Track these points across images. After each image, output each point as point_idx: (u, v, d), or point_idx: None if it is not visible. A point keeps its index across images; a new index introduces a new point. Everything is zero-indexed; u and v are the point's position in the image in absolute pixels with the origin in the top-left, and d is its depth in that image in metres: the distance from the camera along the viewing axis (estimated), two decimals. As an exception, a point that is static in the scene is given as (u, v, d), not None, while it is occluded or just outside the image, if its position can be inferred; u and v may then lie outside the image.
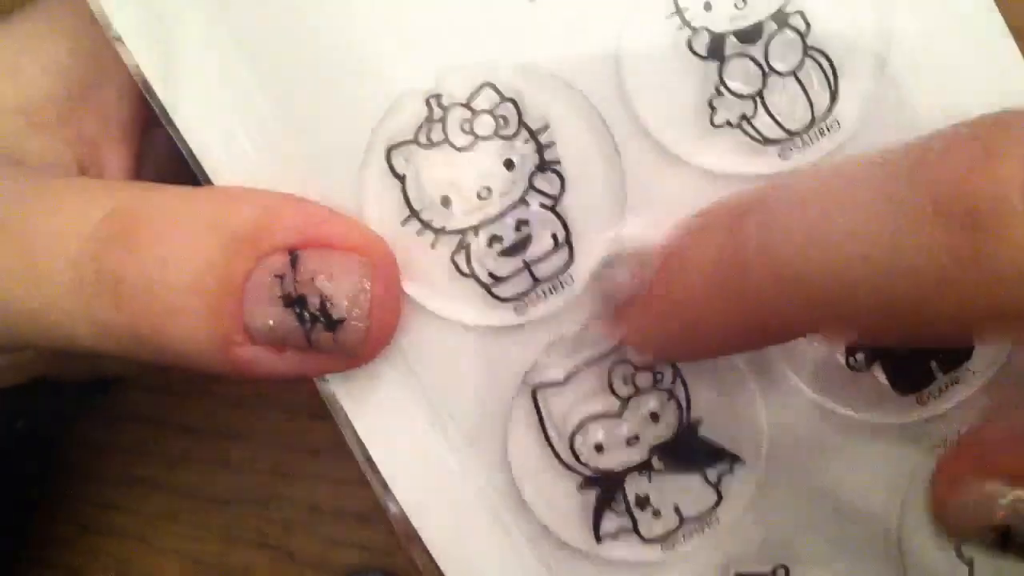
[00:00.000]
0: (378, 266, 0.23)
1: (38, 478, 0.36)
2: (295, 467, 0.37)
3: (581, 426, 0.25)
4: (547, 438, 0.25)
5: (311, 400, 0.25)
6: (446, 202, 0.23)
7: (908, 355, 0.25)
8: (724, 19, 0.24)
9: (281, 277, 0.22)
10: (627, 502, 0.25)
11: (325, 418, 0.25)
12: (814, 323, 0.20)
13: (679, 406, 0.25)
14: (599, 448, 0.25)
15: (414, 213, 0.23)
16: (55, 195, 0.23)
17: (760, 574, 0.26)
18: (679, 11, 0.24)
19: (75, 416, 0.36)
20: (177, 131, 0.23)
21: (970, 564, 0.25)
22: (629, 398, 0.25)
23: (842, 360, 0.25)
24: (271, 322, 0.22)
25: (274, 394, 0.37)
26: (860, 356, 0.25)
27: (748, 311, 0.20)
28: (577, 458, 0.25)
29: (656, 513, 0.25)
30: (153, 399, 0.38)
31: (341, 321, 0.22)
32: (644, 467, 0.25)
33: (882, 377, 0.25)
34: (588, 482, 0.25)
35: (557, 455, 0.25)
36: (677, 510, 0.25)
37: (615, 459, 0.25)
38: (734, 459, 0.25)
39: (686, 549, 0.25)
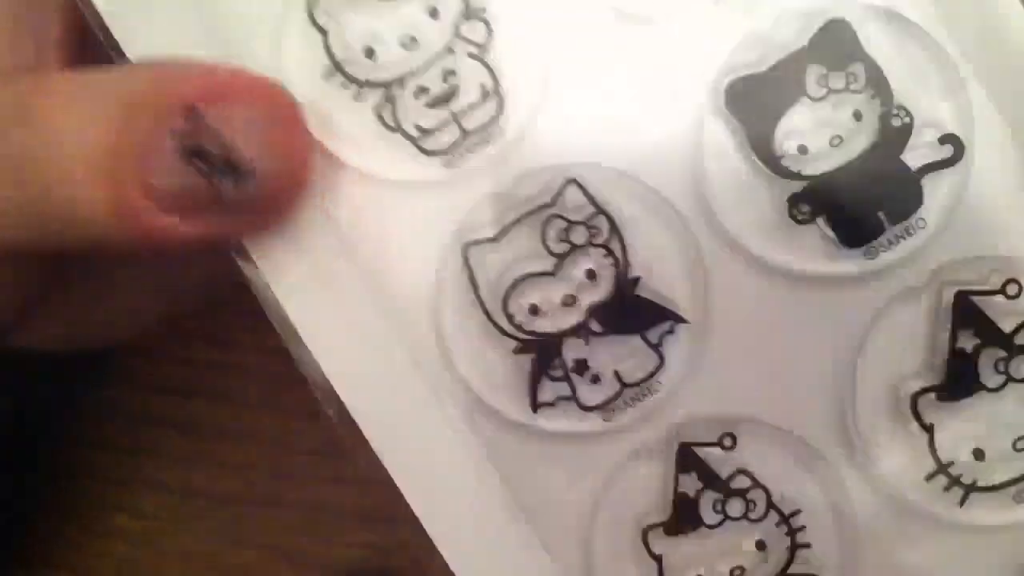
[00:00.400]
0: (281, 112, 0.22)
1: (37, 465, 0.36)
2: (295, 467, 0.37)
3: (515, 286, 0.24)
4: (479, 299, 0.24)
5: (311, 400, 0.24)
6: (369, 53, 0.23)
7: (855, 206, 0.23)
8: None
9: (180, 133, 0.21)
10: (565, 368, 0.24)
11: (326, 418, 0.24)
12: None
13: (616, 263, 0.23)
14: (534, 310, 0.24)
15: (337, 66, 0.23)
16: None
17: (705, 443, 0.24)
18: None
19: (67, 394, 0.36)
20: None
21: (930, 430, 0.24)
22: (564, 255, 0.24)
23: (786, 213, 0.23)
24: (174, 179, 0.21)
25: (274, 394, 0.37)
26: (805, 208, 0.23)
27: None
28: (511, 321, 0.24)
29: (595, 379, 0.24)
30: (153, 399, 0.38)
31: (248, 171, 0.21)
32: (582, 329, 0.24)
33: (828, 230, 0.23)
34: (523, 346, 0.24)
35: (490, 318, 0.24)
36: (618, 375, 0.24)
37: (551, 322, 0.24)
38: (676, 319, 0.24)
39: (626, 418, 0.24)
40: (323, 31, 0.23)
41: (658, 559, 0.24)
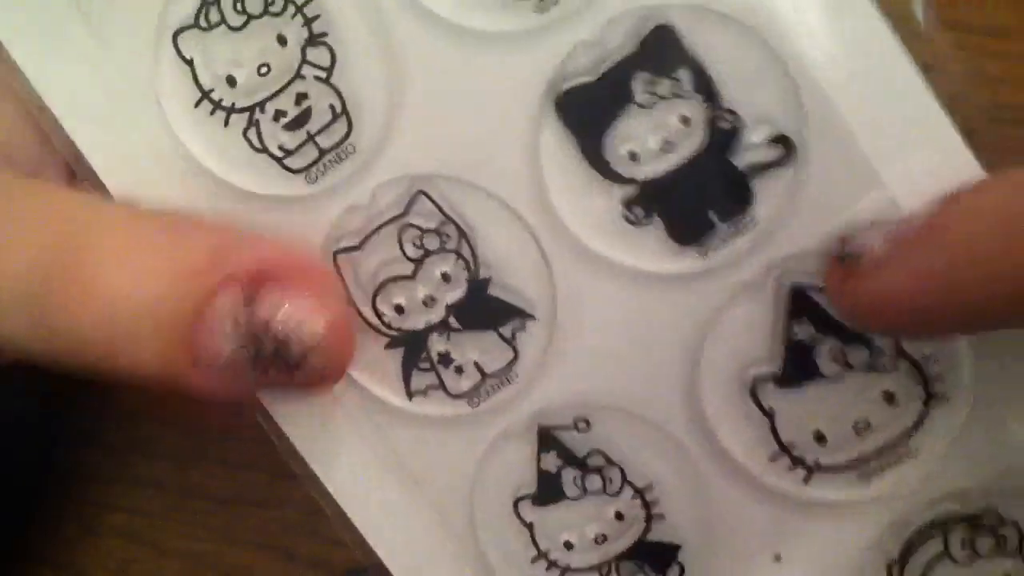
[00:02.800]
0: (331, 303, 0.24)
1: (37, 464, 0.37)
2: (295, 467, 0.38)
3: (380, 289, 0.26)
4: (351, 301, 0.26)
5: None
6: (231, 81, 0.25)
7: (686, 207, 0.24)
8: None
9: (235, 317, 0.22)
10: (431, 360, 0.26)
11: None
12: None
13: (467, 266, 0.25)
14: (399, 309, 0.26)
15: (205, 94, 0.25)
16: (10, 199, 0.23)
17: (562, 426, 0.26)
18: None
19: (67, 393, 0.37)
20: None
21: (771, 415, 0.25)
22: (420, 260, 0.26)
23: (621, 214, 0.25)
24: (224, 359, 0.22)
25: None
26: (638, 210, 0.25)
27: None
28: (381, 319, 0.26)
29: (459, 369, 0.26)
30: (154, 399, 0.38)
31: (299, 365, 0.23)
32: (442, 326, 0.26)
33: (661, 229, 0.25)
34: (394, 342, 0.26)
35: (362, 316, 0.26)
36: (478, 366, 0.26)
37: (416, 319, 0.26)
38: (525, 315, 0.26)
39: (491, 404, 0.26)
40: (189, 63, 0.25)
41: (529, 526, 0.27)
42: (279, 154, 0.25)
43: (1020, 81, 0.31)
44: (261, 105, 0.25)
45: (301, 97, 0.25)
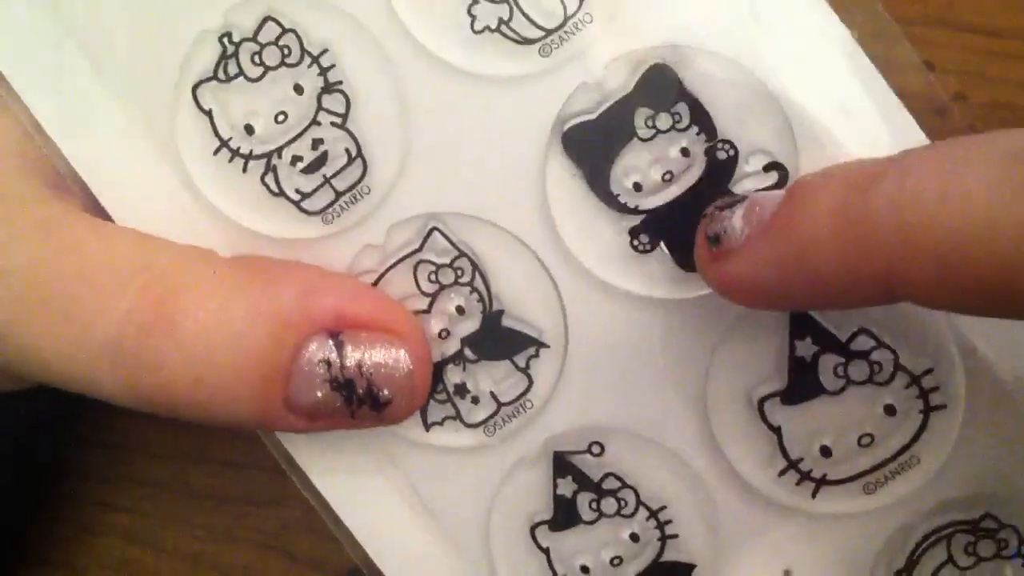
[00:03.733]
0: (414, 345, 0.25)
1: (37, 465, 0.36)
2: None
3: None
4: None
5: None
6: (249, 130, 0.26)
7: (689, 234, 0.26)
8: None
9: (328, 362, 0.23)
10: (448, 391, 0.27)
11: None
12: (917, 274, 0.20)
13: (481, 299, 0.26)
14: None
15: (223, 143, 0.26)
16: (100, 238, 0.24)
17: (576, 452, 0.27)
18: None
19: (66, 393, 0.37)
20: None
21: (778, 432, 0.26)
22: (435, 295, 0.27)
23: (628, 243, 0.26)
24: (318, 404, 0.24)
25: None
26: (644, 238, 0.26)
27: (864, 261, 0.20)
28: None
29: (475, 400, 0.27)
30: None
31: (387, 403, 0.24)
32: (458, 358, 0.27)
33: (667, 255, 0.26)
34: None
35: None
36: (493, 396, 0.27)
37: (432, 352, 0.27)
38: (539, 344, 0.27)
39: (506, 432, 0.27)
40: (208, 113, 0.26)
41: (546, 551, 0.27)
42: (296, 197, 0.26)
43: (1020, 81, 0.32)
44: (279, 151, 0.26)
45: (317, 142, 0.26)
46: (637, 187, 0.26)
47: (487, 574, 0.27)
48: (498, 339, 0.27)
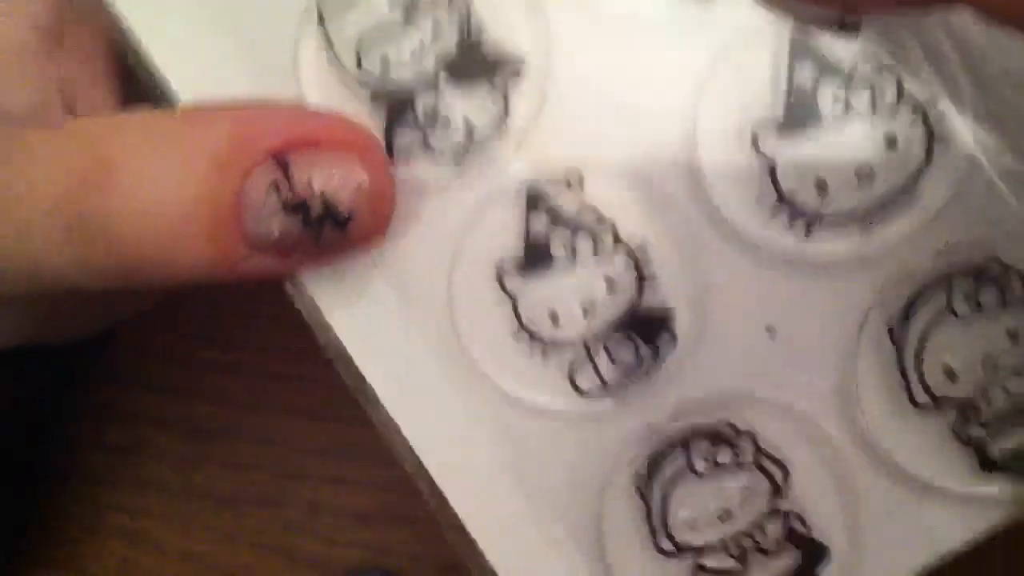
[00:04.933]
0: (368, 154, 0.23)
1: (38, 465, 0.37)
2: (296, 467, 0.38)
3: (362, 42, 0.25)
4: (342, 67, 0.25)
5: (312, 400, 0.25)
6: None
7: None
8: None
9: (277, 186, 0.22)
10: (418, 117, 0.25)
11: (326, 419, 0.26)
12: None
13: (460, 19, 0.25)
14: (385, 63, 0.25)
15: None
16: (27, 148, 0.23)
17: (552, 183, 0.25)
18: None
19: (70, 381, 0.37)
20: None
21: (772, 163, 0.24)
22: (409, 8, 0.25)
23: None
24: (276, 233, 0.22)
25: (274, 394, 0.38)
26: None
27: None
28: (365, 75, 0.25)
29: (446, 125, 0.25)
30: (153, 399, 0.39)
31: (349, 218, 0.23)
32: (432, 79, 0.25)
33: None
34: (374, 97, 0.25)
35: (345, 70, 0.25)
36: (466, 121, 0.25)
37: (405, 72, 0.25)
38: (519, 64, 0.25)
39: (478, 165, 0.25)
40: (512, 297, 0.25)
41: (512, 297, 0.25)
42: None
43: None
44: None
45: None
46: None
47: (447, 325, 0.25)
48: (475, 60, 0.25)
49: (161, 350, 0.39)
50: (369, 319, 0.25)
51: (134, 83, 0.25)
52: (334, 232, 0.23)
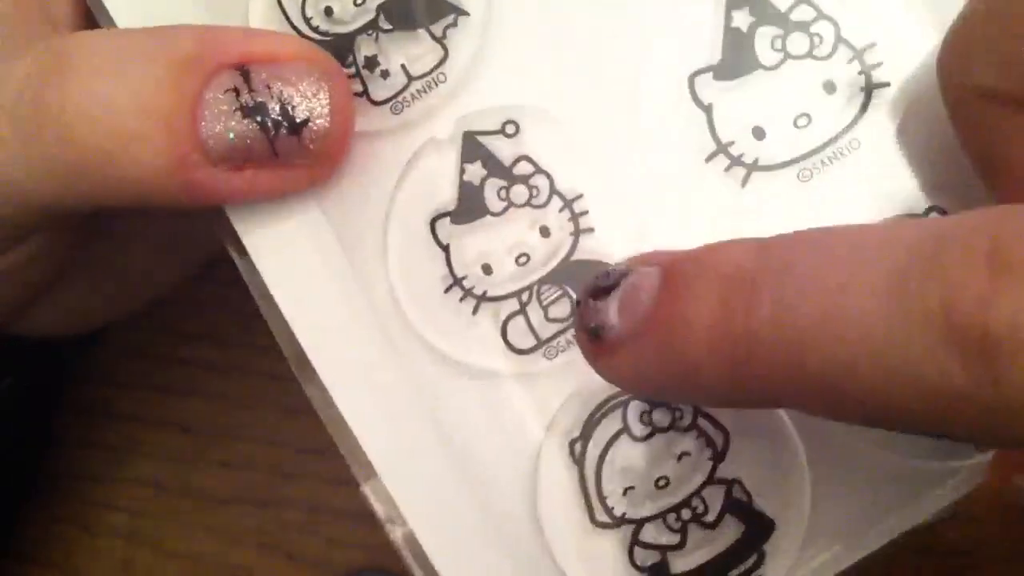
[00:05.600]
0: (326, 67, 0.23)
1: (38, 465, 0.37)
2: (295, 467, 0.38)
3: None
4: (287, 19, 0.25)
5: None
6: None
7: None
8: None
9: (236, 90, 0.22)
10: (357, 65, 0.25)
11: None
12: (807, 402, 0.18)
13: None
14: (328, 12, 0.25)
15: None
16: None
17: (489, 131, 0.25)
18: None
19: (68, 372, 0.37)
20: None
21: (708, 110, 0.24)
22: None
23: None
24: (232, 135, 0.22)
25: (273, 394, 0.38)
26: None
27: (745, 377, 0.18)
28: (309, 24, 0.25)
29: (384, 74, 0.25)
30: (154, 398, 0.39)
31: (305, 122, 0.22)
32: (372, 27, 0.25)
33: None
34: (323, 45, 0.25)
35: (291, 24, 0.25)
36: (404, 69, 0.25)
37: (347, 19, 0.25)
38: (458, 11, 0.25)
39: (415, 112, 0.25)
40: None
41: (445, 248, 0.25)
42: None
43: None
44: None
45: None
46: None
47: (382, 277, 0.24)
48: (413, 5, 0.25)
49: (161, 350, 0.39)
50: (301, 265, 0.25)
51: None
52: (290, 138, 0.23)
